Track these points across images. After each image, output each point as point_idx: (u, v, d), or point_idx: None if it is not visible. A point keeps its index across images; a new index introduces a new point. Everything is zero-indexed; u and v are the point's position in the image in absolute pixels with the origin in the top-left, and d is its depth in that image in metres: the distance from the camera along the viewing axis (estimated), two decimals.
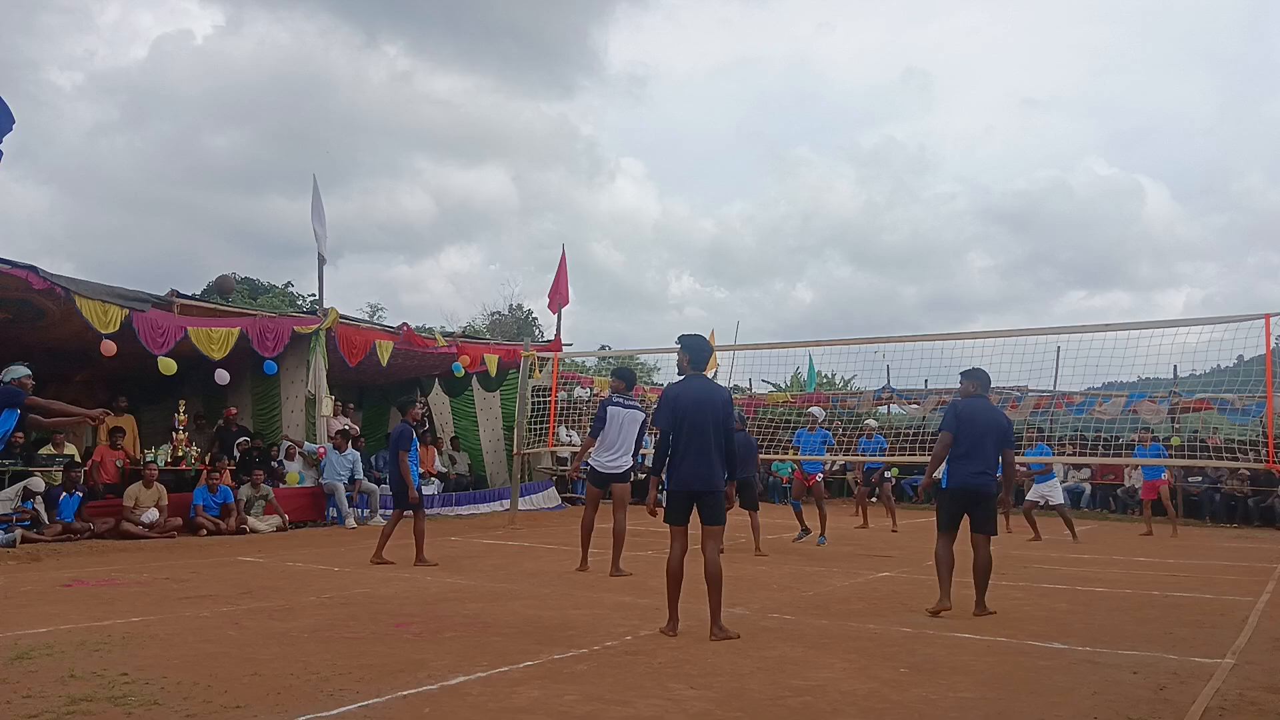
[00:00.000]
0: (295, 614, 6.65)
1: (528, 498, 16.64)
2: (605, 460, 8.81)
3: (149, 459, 12.51)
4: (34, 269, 10.37)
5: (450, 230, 76.84)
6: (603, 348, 30.82)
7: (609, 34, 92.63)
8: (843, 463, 18.50)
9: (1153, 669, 5.24)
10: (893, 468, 16.51)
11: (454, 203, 76.64)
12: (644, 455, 8.95)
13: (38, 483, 11.08)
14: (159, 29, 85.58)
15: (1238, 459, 11.69)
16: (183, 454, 13.20)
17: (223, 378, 12.68)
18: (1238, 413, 17.65)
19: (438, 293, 74.06)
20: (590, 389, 19.38)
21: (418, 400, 10.38)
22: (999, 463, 7.20)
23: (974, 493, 7.08)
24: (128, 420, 13.78)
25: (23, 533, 10.47)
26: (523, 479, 16.38)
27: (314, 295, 21.60)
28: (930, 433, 13.99)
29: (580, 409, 17.98)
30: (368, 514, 14.29)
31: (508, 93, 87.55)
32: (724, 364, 19.59)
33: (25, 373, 7.43)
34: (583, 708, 4.30)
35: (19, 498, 10.85)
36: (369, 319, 24.63)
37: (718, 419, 6.04)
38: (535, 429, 15.67)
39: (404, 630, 6.09)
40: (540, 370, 16.42)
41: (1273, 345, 9.84)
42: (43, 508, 11.00)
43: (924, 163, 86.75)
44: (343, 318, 14.68)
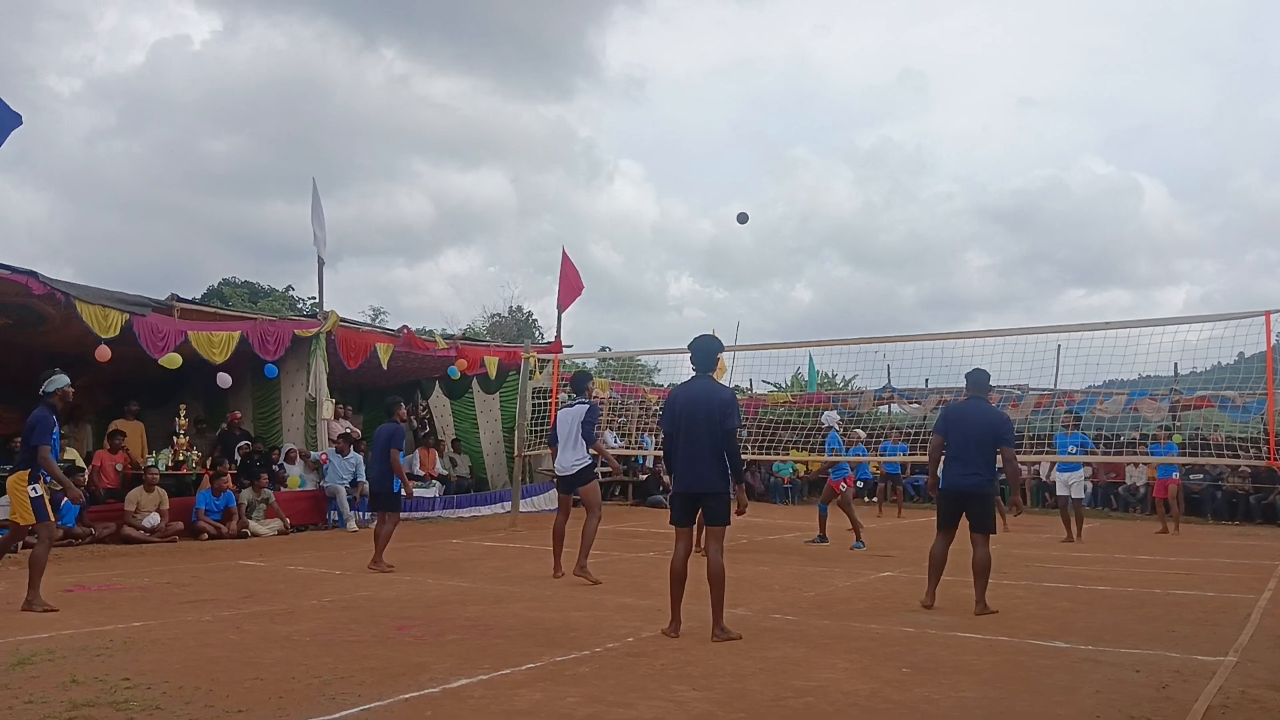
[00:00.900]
0: (297, 617, 6.66)
1: (529, 500, 16.63)
2: (558, 462, 8.93)
3: (150, 463, 12.50)
4: (34, 274, 10.36)
5: (449, 233, 76.92)
6: (603, 349, 30.81)
7: (606, 36, 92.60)
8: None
9: (1155, 667, 5.24)
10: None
11: (452, 205, 76.72)
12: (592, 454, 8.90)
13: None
14: (156, 34, 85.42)
15: (1239, 456, 11.67)
16: (184, 458, 13.20)
17: (225, 381, 12.69)
18: (1239, 410, 17.60)
19: (437, 295, 74.07)
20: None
21: (402, 402, 10.34)
22: (995, 463, 7.23)
23: (965, 493, 7.16)
24: (134, 426, 13.76)
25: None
26: (523, 481, 16.39)
27: (314, 298, 21.61)
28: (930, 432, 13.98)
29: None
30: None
31: (506, 95, 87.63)
32: (726, 364, 19.66)
33: (65, 382, 7.40)
34: (585, 710, 4.30)
35: None
36: (371, 322, 24.60)
37: (712, 419, 6.02)
38: (536, 431, 15.67)
39: (405, 633, 6.09)
40: (540, 372, 16.43)
41: (1273, 342, 9.84)
42: None
43: (921, 163, 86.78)
44: (343, 321, 14.68)
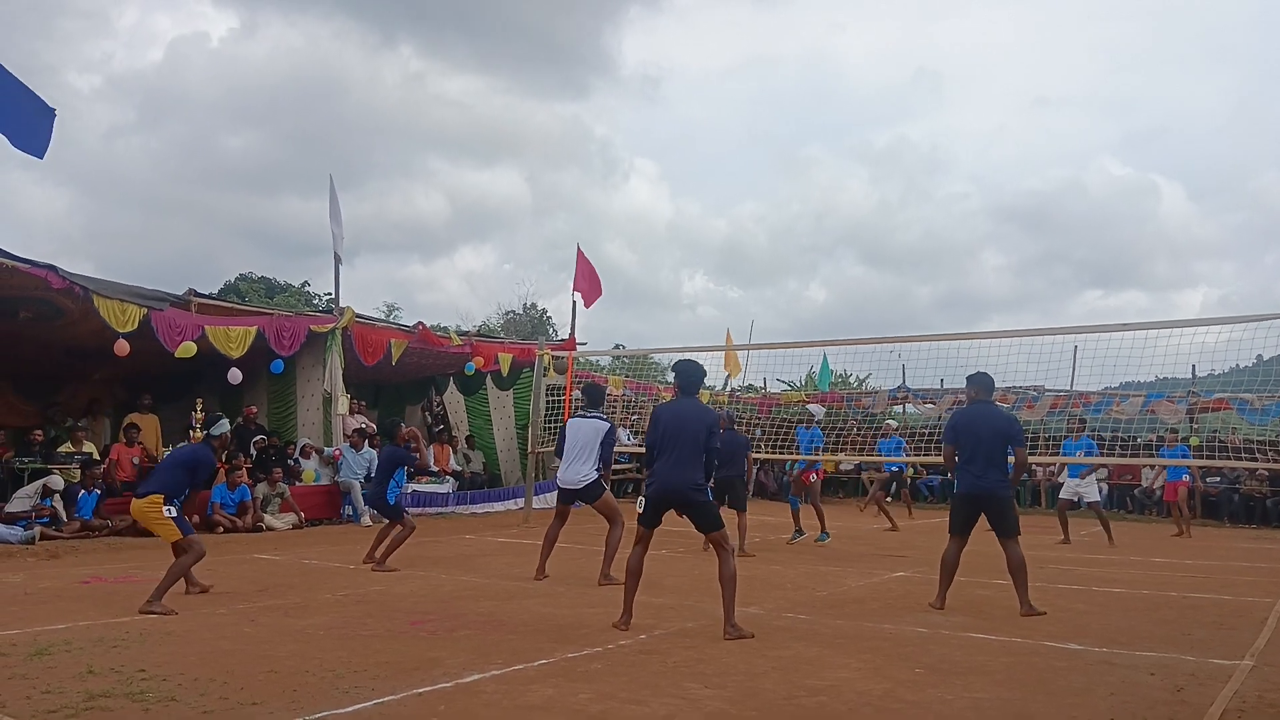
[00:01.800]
0: (311, 611, 6.69)
1: (542, 496, 16.65)
2: (563, 473, 8.48)
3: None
4: (53, 268, 10.44)
5: (464, 230, 77.08)
6: (617, 346, 30.84)
7: (622, 35, 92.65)
8: (857, 462, 18.42)
9: (1170, 670, 5.20)
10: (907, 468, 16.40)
11: (468, 203, 76.81)
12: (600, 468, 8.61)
13: (57, 480, 11.17)
14: (175, 31, 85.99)
15: (1256, 459, 11.59)
16: None
17: (235, 377, 12.72)
18: (1256, 413, 17.43)
19: (452, 292, 74.33)
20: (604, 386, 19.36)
21: (402, 423, 10.31)
22: (1007, 464, 7.19)
23: (980, 496, 7.13)
24: (149, 419, 13.86)
25: (42, 530, 10.57)
26: (537, 477, 16.42)
27: (330, 294, 21.71)
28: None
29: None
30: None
31: (521, 93, 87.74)
32: (740, 363, 19.61)
33: (228, 427, 7.75)
34: (596, 706, 4.31)
35: (38, 495, 10.94)
36: (385, 318, 24.70)
37: (698, 437, 6.19)
38: (549, 428, 15.69)
39: (418, 628, 6.11)
40: (554, 369, 16.45)
41: None
42: (61, 505, 11.10)
43: (936, 162, 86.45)
44: (358, 317, 14.73)
